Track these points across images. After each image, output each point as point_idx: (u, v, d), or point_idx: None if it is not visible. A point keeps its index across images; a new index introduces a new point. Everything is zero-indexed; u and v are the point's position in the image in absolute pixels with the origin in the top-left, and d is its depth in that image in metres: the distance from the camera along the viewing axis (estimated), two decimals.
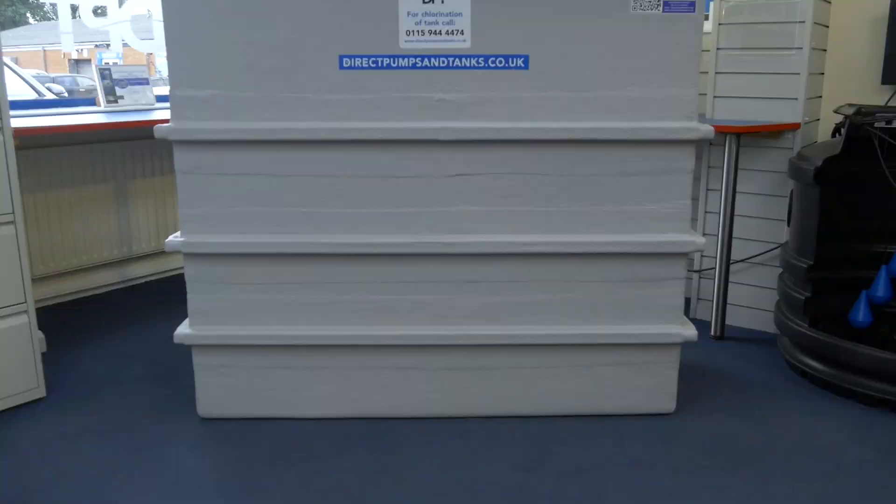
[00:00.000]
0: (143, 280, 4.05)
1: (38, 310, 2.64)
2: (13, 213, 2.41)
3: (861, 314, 2.78)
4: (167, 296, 3.77)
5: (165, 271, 4.13)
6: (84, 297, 3.79)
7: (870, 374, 2.54)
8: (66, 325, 3.32)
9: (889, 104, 3.23)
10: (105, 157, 3.79)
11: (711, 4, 3.41)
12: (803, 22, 3.13)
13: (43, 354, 2.69)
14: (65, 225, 3.67)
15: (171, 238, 2.23)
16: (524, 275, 2.25)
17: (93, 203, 3.76)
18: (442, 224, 2.20)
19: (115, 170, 3.85)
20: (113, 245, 3.89)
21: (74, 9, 4.26)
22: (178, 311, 2.37)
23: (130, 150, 3.90)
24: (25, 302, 2.47)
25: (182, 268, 2.28)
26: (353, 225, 2.20)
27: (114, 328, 3.27)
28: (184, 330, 2.29)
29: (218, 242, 2.21)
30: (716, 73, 3.32)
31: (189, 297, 2.27)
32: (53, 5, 4.27)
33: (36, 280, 3.35)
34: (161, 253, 4.08)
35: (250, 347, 2.30)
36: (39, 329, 2.64)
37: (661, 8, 2.08)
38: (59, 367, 2.81)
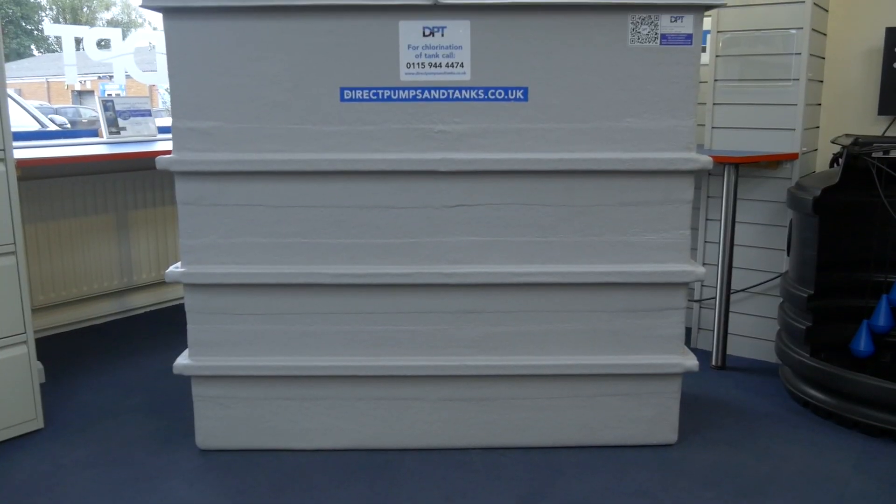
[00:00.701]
0: (142, 310, 4.04)
1: (37, 340, 2.63)
2: (14, 243, 2.42)
3: (862, 343, 2.78)
4: (167, 326, 3.77)
5: (165, 301, 4.13)
6: (83, 327, 3.78)
7: (872, 404, 2.53)
8: (65, 355, 3.31)
9: (886, 134, 3.25)
10: (106, 187, 3.81)
11: (708, 37, 3.45)
12: (799, 54, 3.16)
13: (41, 385, 2.68)
14: (65, 255, 3.67)
15: (171, 268, 2.24)
16: (524, 305, 2.25)
17: (93, 233, 3.77)
18: (442, 254, 2.20)
19: (116, 200, 3.87)
20: (113, 275, 3.89)
21: (79, 41, 4.31)
22: (178, 341, 2.37)
23: (132, 180, 3.92)
24: (25, 332, 2.47)
25: (182, 298, 2.29)
26: (354, 255, 2.21)
27: (113, 358, 3.26)
28: (183, 360, 2.28)
29: (218, 273, 2.21)
30: (714, 104, 3.35)
31: (189, 327, 2.27)
32: (58, 38, 4.32)
33: (36, 310, 3.35)
34: (161, 283, 4.08)
35: (250, 378, 2.29)
36: (38, 359, 2.63)
37: (658, 41, 2.10)
38: (58, 397, 2.80)
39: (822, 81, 3.47)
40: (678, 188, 2.20)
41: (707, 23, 3.47)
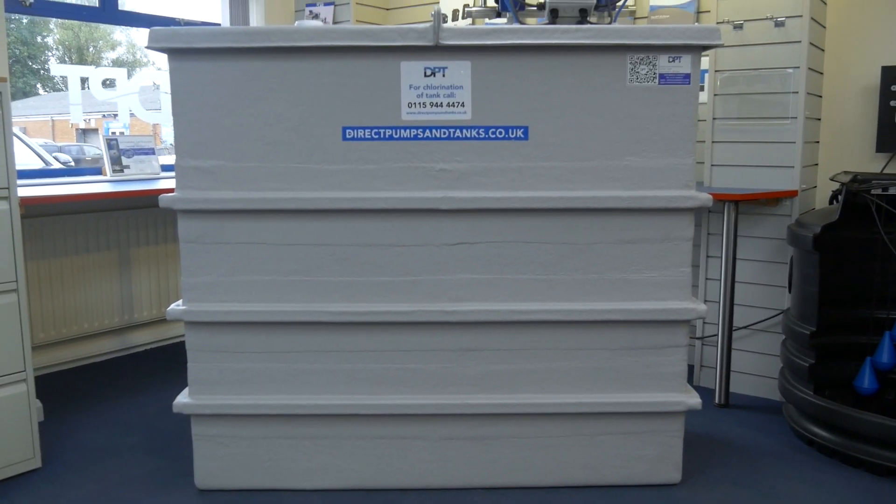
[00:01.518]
0: (143, 348, 4.03)
1: (36, 378, 2.62)
2: (16, 280, 2.42)
3: (866, 381, 2.76)
4: (167, 364, 3.75)
5: (166, 339, 4.12)
6: (83, 364, 3.77)
7: (878, 442, 2.50)
8: (64, 393, 3.30)
9: (884, 171, 3.27)
10: (109, 225, 3.83)
11: (706, 76, 3.49)
12: (797, 93, 3.20)
13: (40, 424, 2.66)
14: (66, 292, 3.68)
15: (172, 306, 2.23)
16: (526, 343, 2.24)
17: (95, 271, 3.78)
18: (443, 292, 2.20)
19: (119, 238, 3.88)
20: (114, 312, 3.89)
21: (84, 80, 4.36)
22: (178, 379, 2.36)
23: (134, 218, 3.94)
24: (24, 370, 2.46)
25: (182, 335, 2.28)
26: (355, 293, 2.21)
27: (112, 396, 3.24)
28: (183, 399, 2.27)
29: (219, 311, 2.21)
30: (713, 141, 3.37)
31: (189, 365, 2.26)
32: (64, 78, 4.37)
33: (35, 348, 3.34)
34: (162, 320, 4.08)
35: (250, 417, 2.27)
36: (37, 397, 2.62)
37: (657, 80, 2.13)
38: (56, 436, 2.78)
39: (819, 119, 3.50)
40: (678, 226, 2.21)
41: (705, 62, 3.52)
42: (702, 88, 3.48)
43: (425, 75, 2.09)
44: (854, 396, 2.76)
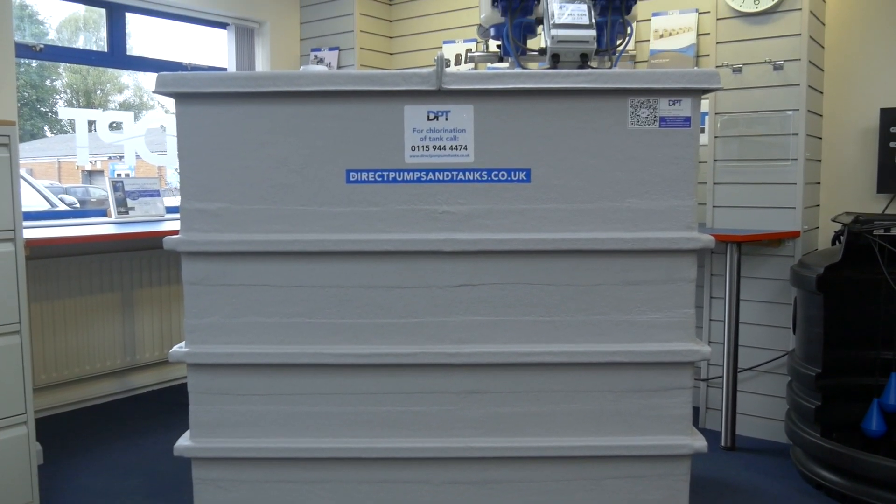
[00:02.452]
0: (145, 390, 4.01)
1: (36, 420, 2.61)
2: (19, 322, 2.42)
3: (874, 423, 2.73)
4: (169, 406, 3.73)
5: (167, 381, 4.10)
6: (85, 406, 3.75)
7: (888, 486, 2.47)
8: (64, 435, 3.27)
9: (886, 212, 3.28)
10: (113, 266, 3.84)
11: (707, 118, 3.53)
12: (797, 134, 3.22)
13: (39, 467, 2.63)
14: (69, 334, 3.67)
15: (175, 348, 2.23)
16: (530, 385, 2.23)
17: (98, 312, 3.78)
18: (446, 334, 2.20)
19: (122, 279, 3.89)
20: (116, 354, 3.88)
21: (91, 123, 4.42)
22: (179, 422, 2.34)
23: (138, 259, 3.95)
24: (25, 413, 2.45)
25: (184, 377, 2.27)
26: (357, 335, 2.20)
27: (113, 439, 3.22)
28: (184, 442, 2.25)
29: (222, 353, 2.20)
30: (714, 183, 3.39)
31: (191, 408, 2.25)
32: (71, 121, 4.43)
33: (37, 390, 3.33)
34: (164, 362, 4.06)
35: (251, 460, 2.25)
36: (37, 440, 2.60)
37: (657, 123, 2.15)
38: (56, 480, 2.75)
39: (819, 161, 3.53)
40: (681, 267, 2.21)
41: (705, 105, 3.56)
42: (702, 130, 3.51)
43: (428, 119, 2.12)
44: (862, 439, 2.73)
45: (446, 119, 2.12)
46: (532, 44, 2.50)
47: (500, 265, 2.18)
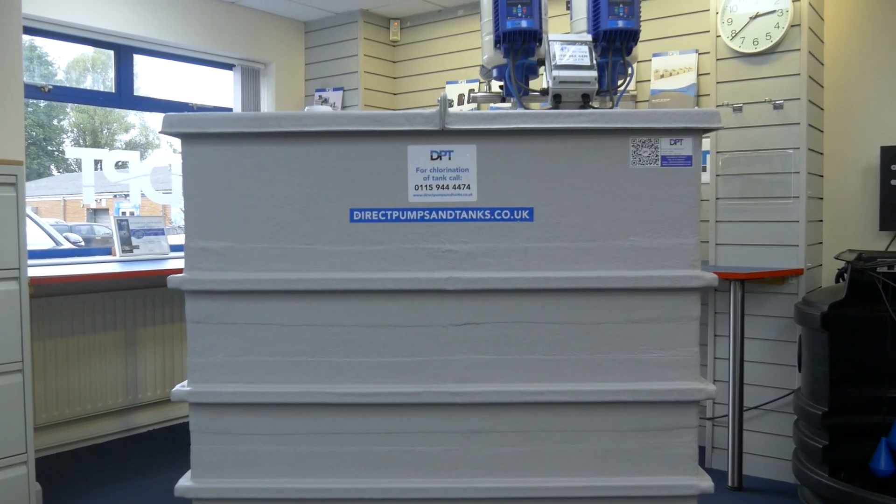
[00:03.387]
0: (146, 429, 3.99)
1: (37, 460, 2.59)
2: (22, 361, 2.42)
3: (883, 462, 2.70)
4: (169, 446, 3.70)
5: (169, 420, 4.08)
6: (85, 446, 3.72)
7: None
8: (64, 475, 3.24)
9: (889, 249, 3.28)
10: (116, 304, 3.85)
11: (708, 156, 3.55)
12: (798, 172, 3.24)
13: None
14: (71, 372, 3.66)
15: (177, 387, 2.22)
16: (534, 424, 2.21)
17: (101, 351, 3.77)
18: (450, 373, 2.19)
19: (126, 317, 3.89)
20: (118, 393, 3.87)
21: (98, 162, 4.46)
22: (180, 462, 2.32)
23: (141, 297, 3.96)
24: (26, 452, 2.43)
25: (186, 416, 2.26)
26: (360, 374, 2.19)
27: (113, 480, 3.19)
28: (185, 482, 2.23)
29: (225, 392, 2.19)
30: (716, 221, 3.40)
31: (193, 447, 2.23)
32: (78, 160, 4.47)
33: (37, 429, 3.31)
34: (166, 401, 4.05)
35: (253, 501, 2.23)
36: (37, 480, 2.58)
37: (659, 162, 2.16)
38: None
39: (821, 198, 3.54)
40: (685, 305, 2.21)
41: (706, 143, 3.58)
42: (704, 169, 3.53)
43: (432, 158, 2.14)
44: (871, 479, 2.70)
45: (449, 158, 2.14)
46: (534, 84, 2.53)
47: (504, 303, 2.18)
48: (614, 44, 2.36)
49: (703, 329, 3.17)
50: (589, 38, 2.36)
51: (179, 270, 2.23)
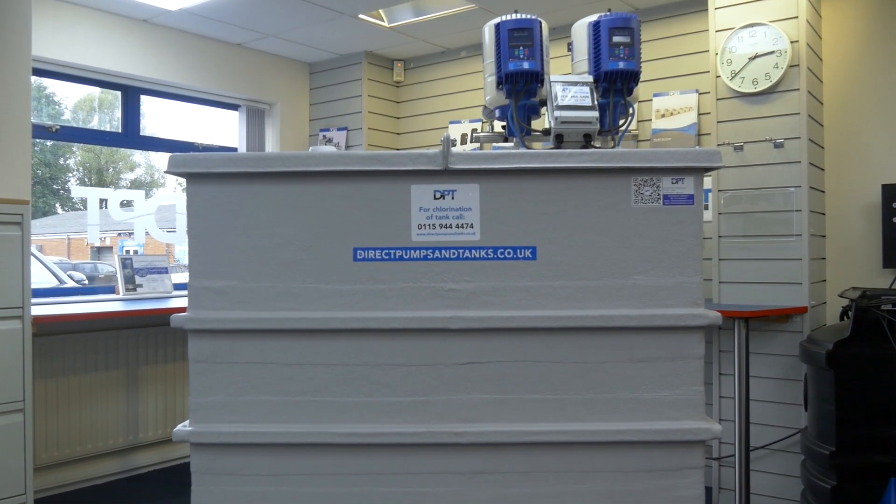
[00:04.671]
0: (147, 469, 3.95)
1: (36, 501, 2.56)
2: (23, 400, 2.41)
3: (893, 503, 2.66)
4: (171, 486, 3.66)
5: (170, 460, 4.04)
6: (85, 486, 3.69)
7: None
8: None
9: (893, 287, 3.27)
10: (119, 343, 3.84)
11: (710, 195, 3.56)
12: (800, 210, 3.25)
13: None
14: (72, 412, 3.64)
15: (179, 427, 2.20)
16: (538, 465, 2.19)
17: (102, 390, 3.75)
18: (453, 413, 2.18)
19: (128, 356, 3.88)
20: (119, 433, 3.84)
21: (103, 201, 4.49)
22: (182, 503, 2.29)
23: (144, 336, 3.95)
24: (25, 493, 2.41)
25: (187, 456, 2.24)
26: (363, 414, 2.18)
27: None
28: None
29: (226, 432, 2.18)
30: (719, 259, 3.40)
31: (193, 489, 2.21)
32: (83, 199, 4.50)
33: (37, 469, 3.28)
34: (167, 441, 4.02)
35: None
36: None
37: (661, 201, 2.17)
38: None
39: (824, 236, 3.54)
40: (689, 344, 2.20)
41: (707, 182, 3.60)
42: (706, 207, 3.55)
43: (435, 198, 2.15)
44: None
45: (452, 198, 2.15)
46: (536, 124, 2.56)
47: (507, 343, 2.17)
48: (615, 84, 2.39)
49: (707, 368, 3.16)
50: (590, 78, 2.39)
51: (183, 309, 2.23)
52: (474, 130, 5.29)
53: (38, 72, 4.34)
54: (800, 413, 3.22)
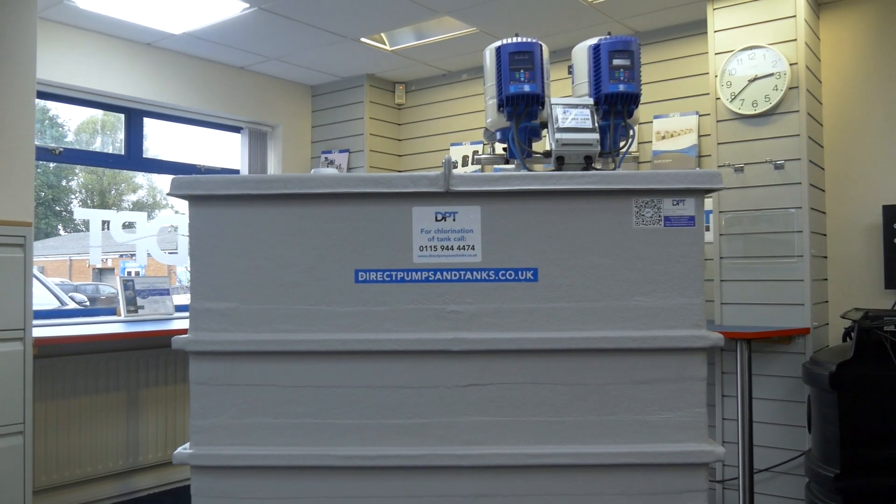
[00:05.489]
0: (147, 492, 3.92)
1: None
2: (24, 423, 2.40)
3: None
4: None
5: (170, 483, 4.02)
6: None
7: None
8: None
9: (895, 308, 3.27)
10: (119, 365, 3.83)
11: (711, 216, 3.57)
12: (801, 231, 3.25)
13: None
14: (72, 434, 3.63)
15: (179, 450, 2.19)
16: (539, 488, 2.17)
17: (103, 412, 3.74)
18: (454, 435, 2.17)
19: (129, 378, 3.87)
20: (119, 455, 3.82)
21: (105, 222, 4.50)
22: None
23: (145, 358, 3.94)
24: None
25: (188, 479, 2.23)
26: (364, 436, 2.17)
27: None
28: None
29: (227, 455, 2.17)
30: (721, 280, 3.40)
31: None
32: (85, 221, 4.52)
33: (36, 492, 3.26)
34: (167, 464, 3.99)
35: None
36: None
37: (662, 222, 2.18)
38: None
39: (825, 257, 3.54)
40: (691, 365, 2.19)
41: (708, 203, 3.61)
42: (707, 228, 3.55)
43: (436, 220, 2.16)
44: None
45: (454, 220, 2.16)
46: (537, 146, 2.57)
47: (509, 364, 2.17)
48: (616, 107, 2.41)
49: (710, 389, 3.15)
50: (591, 101, 2.40)
51: (184, 331, 2.23)
52: (475, 152, 5.31)
53: (43, 94, 4.37)
54: (803, 435, 3.20)
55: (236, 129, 5.64)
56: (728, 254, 3.43)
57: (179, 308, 4.27)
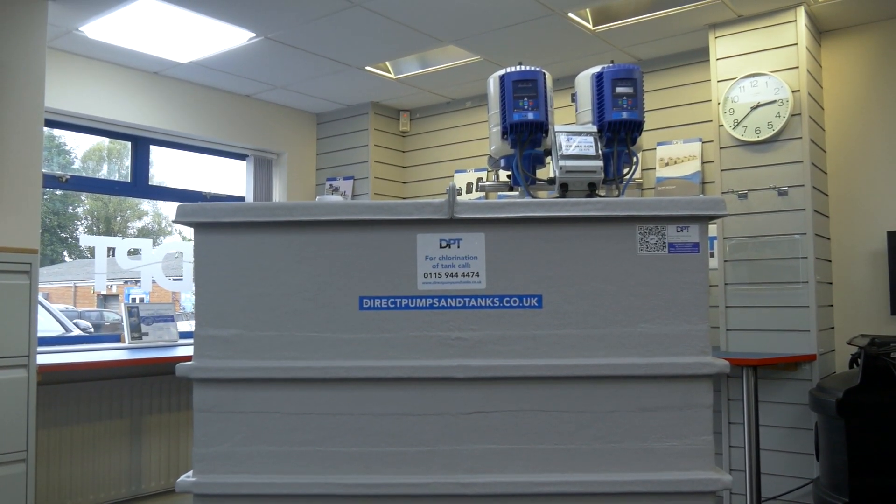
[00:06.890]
0: None
1: None
2: (26, 450, 2.39)
3: None
4: None
5: None
6: None
7: None
8: None
9: None
10: (123, 392, 3.83)
11: (715, 242, 3.57)
12: (806, 258, 3.25)
13: None
14: (75, 462, 3.61)
15: (182, 478, 2.18)
16: None
17: (106, 439, 3.73)
18: (459, 463, 2.15)
19: (132, 405, 3.86)
20: (122, 483, 3.80)
21: (110, 249, 4.52)
22: None
23: (149, 385, 3.94)
24: None
25: None
26: (368, 465, 2.16)
27: None
28: None
29: (230, 483, 2.15)
30: (726, 306, 3.39)
31: None
32: (91, 247, 4.53)
33: None
34: (170, 492, 3.97)
35: None
36: None
37: (666, 249, 2.18)
38: None
39: (831, 283, 3.54)
40: (697, 392, 2.18)
41: (712, 229, 3.61)
42: (712, 255, 3.55)
43: (441, 247, 2.16)
44: None
45: (458, 247, 2.16)
46: (541, 174, 2.58)
47: (513, 392, 2.16)
48: (619, 134, 2.42)
49: (716, 417, 3.12)
50: (594, 128, 2.42)
51: (188, 358, 2.23)
52: (479, 179, 5.33)
53: (51, 122, 4.42)
54: (811, 463, 3.17)
55: (242, 157, 5.68)
56: (733, 280, 3.42)
57: (184, 335, 4.27)
